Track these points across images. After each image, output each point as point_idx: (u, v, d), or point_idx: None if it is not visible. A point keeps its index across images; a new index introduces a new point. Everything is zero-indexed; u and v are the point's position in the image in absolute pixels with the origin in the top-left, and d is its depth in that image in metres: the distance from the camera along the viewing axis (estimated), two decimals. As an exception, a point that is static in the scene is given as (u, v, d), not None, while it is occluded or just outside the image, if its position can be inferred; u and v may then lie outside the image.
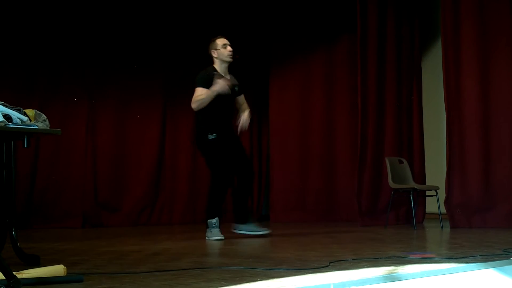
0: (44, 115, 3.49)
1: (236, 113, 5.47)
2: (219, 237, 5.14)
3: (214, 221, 5.19)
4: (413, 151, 7.66)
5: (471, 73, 6.55)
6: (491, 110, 6.50)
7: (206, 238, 5.20)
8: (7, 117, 3.19)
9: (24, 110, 3.37)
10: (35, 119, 3.41)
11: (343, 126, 8.30)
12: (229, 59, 5.36)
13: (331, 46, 8.49)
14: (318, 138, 8.45)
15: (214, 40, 5.41)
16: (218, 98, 5.18)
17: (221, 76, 5.31)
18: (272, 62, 8.87)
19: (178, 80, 7.95)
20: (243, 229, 5.33)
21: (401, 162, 7.14)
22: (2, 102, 3.28)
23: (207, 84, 5.19)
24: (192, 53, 7.77)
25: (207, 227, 5.24)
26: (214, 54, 5.38)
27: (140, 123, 8.04)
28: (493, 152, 6.47)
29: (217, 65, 5.40)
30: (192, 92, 5.33)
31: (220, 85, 5.15)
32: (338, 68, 8.42)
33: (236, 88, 5.44)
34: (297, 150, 8.59)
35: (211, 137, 5.22)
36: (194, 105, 5.20)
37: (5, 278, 2.42)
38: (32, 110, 3.47)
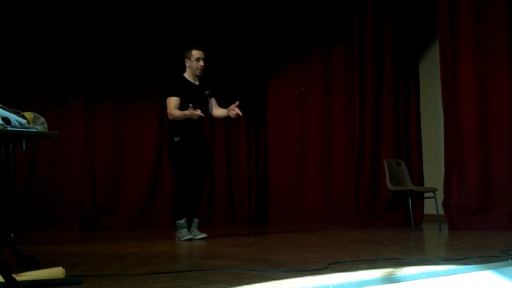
0: (42, 118, 3.49)
1: (208, 117, 5.76)
2: (188, 237, 5.38)
3: (182, 222, 5.45)
4: (411, 152, 7.68)
5: (469, 75, 6.57)
6: (489, 111, 6.52)
7: (176, 238, 5.44)
8: (6, 120, 3.19)
9: (22, 113, 3.37)
10: (33, 121, 3.41)
11: (340, 128, 8.31)
12: (198, 73, 5.57)
13: (329, 49, 8.51)
14: (315, 140, 8.46)
15: (191, 50, 5.58)
16: (187, 104, 5.34)
17: (188, 85, 5.51)
18: (270, 65, 8.89)
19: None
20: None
21: (399, 164, 7.15)
22: (1, 105, 3.28)
23: (178, 93, 5.46)
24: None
25: (175, 228, 5.49)
26: (187, 63, 5.59)
27: (137, 125, 8.05)
28: (491, 154, 6.48)
29: (187, 73, 5.61)
30: None
31: (191, 114, 5.29)
32: (336, 70, 8.43)
33: (207, 93, 5.65)
34: (294, 152, 8.60)
35: (176, 139, 5.46)
36: (170, 117, 5.50)
37: (4, 281, 2.42)
38: (31, 112, 3.46)
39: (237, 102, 5.48)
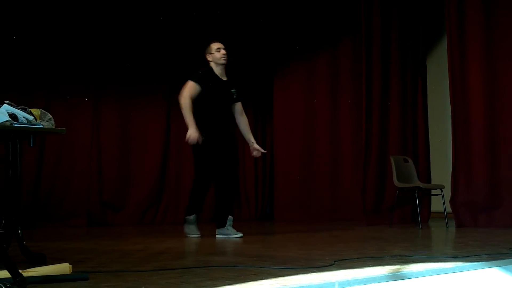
0: (49, 114, 3.49)
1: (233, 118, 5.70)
2: (195, 235, 5.41)
3: (191, 217, 5.47)
4: (418, 149, 7.65)
5: (477, 74, 6.53)
6: (497, 108, 6.48)
7: (185, 233, 5.47)
8: (13, 116, 3.20)
9: (29, 109, 3.38)
10: (40, 118, 3.42)
11: (347, 125, 8.29)
12: (222, 62, 5.57)
13: (335, 47, 8.49)
14: (322, 137, 8.45)
15: (209, 45, 5.65)
16: (215, 102, 5.39)
17: (216, 79, 5.50)
18: (277, 62, 8.88)
19: (182, 78, 7.93)
20: (219, 233, 5.42)
21: (406, 161, 7.13)
22: (8, 102, 3.29)
23: (200, 82, 5.42)
24: (195, 53, 7.76)
25: (185, 222, 5.51)
26: (209, 58, 5.61)
27: (144, 121, 8.06)
28: (499, 151, 6.45)
29: (213, 68, 5.61)
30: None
31: (192, 134, 5.24)
32: (342, 68, 8.41)
33: (234, 91, 5.63)
34: (301, 149, 8.59)
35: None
36: (181, 101, 5.39)
37: (11, 276, 2.43)
38: (38, 109, 3.47)
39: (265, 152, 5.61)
